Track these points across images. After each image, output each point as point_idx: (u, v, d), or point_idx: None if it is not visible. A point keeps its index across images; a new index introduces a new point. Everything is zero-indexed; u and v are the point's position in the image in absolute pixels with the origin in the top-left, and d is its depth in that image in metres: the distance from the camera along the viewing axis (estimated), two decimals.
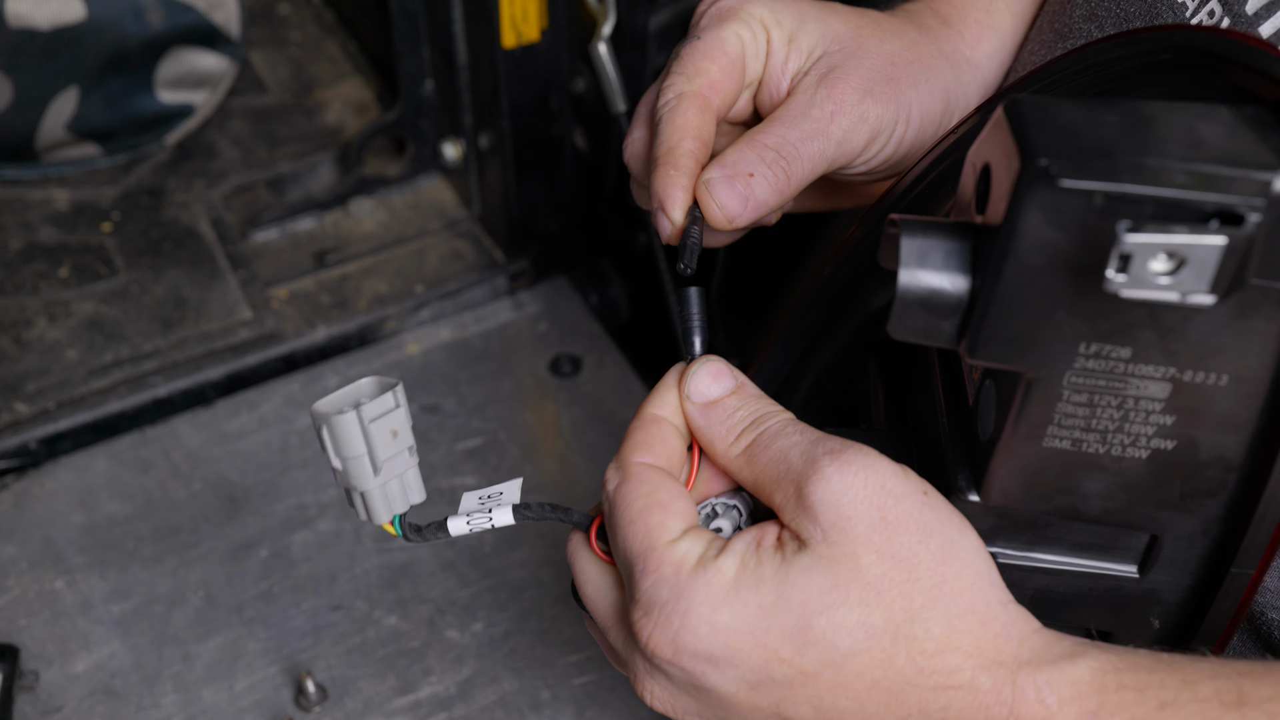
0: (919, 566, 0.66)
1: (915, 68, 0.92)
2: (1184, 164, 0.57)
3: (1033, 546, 0.74)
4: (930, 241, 0.64)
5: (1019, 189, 0.58)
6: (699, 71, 0.88)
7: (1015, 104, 0.61)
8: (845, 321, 0.93)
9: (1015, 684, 0.65)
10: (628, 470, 0.73)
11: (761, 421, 0.72)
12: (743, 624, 0.66)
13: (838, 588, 0.66)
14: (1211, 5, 0.80)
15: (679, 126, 0.86)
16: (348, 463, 0.73)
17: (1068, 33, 0.90)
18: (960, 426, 0.74)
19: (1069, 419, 0.65)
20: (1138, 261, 0.54)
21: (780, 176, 0.85)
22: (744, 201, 0.84)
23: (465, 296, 1.62)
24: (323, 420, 0.72)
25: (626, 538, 0.70)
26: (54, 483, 1.43)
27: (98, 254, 1.64)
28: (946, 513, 0.68)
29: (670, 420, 0.75)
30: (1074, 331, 0.62)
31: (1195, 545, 0.71)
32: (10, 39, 1.62)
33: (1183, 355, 0.62)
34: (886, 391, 0.84)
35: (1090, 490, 0.69)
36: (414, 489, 0.77)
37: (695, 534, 0.70)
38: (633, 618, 0.69)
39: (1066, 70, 0.76)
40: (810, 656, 0.66)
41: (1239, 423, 0.65)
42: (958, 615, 0.66)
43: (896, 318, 0.65)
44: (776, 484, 0.69)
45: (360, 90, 1.85)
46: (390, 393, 0.73)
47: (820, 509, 0.67)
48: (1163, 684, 0.64)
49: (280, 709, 1.25)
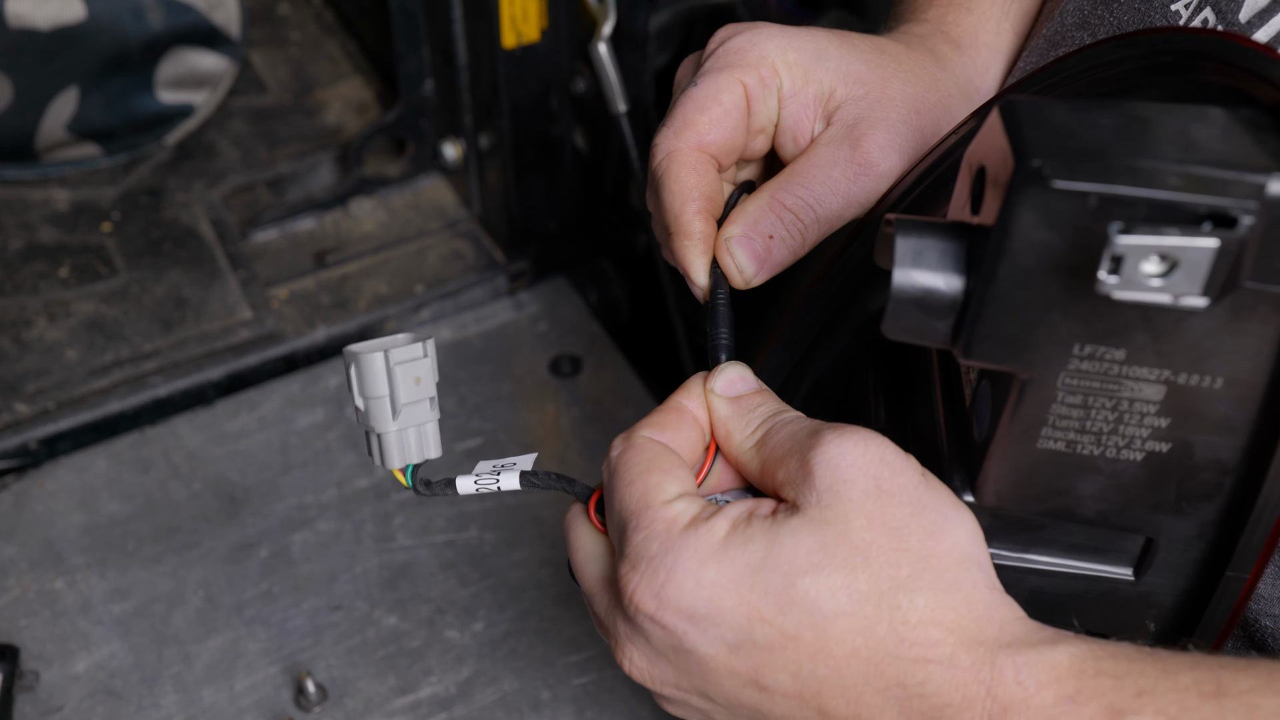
0: (909, 537, 0.66)
1: (937, 112, 0.90)
2: (1177, 166, 0.57)
3: (1028, 548, 0.74)
4: (925, 241, 0.64)
5: (1012, 190, 0.58)
6: (687, 124, 0.85)
7: (1010, 105, 0.61)
8: (846, 322, 0.93)
9: (994, 664, 0.65)
10: (633, 439, 0.74)
11: (778, 415, 0.73)
12: (728, 580, 0.67)
13: (824, 548, 0.66)
14: (1205, 13, 0.79)
15: (677, 193, 0.84)
16: (369, 403, 0.76)
17: (1060, 40, 0.89)
18: (957, 427, 0.74)
19: (1063, 420, 0.65)
20: (1130, 263, 0.54)
21: (797, 239, 0.85)
22: (761, 263, 0.84)
23: (465, 296, 1.62)
24: (352, 358, 0.75)
25: (623, 498, 0.71)
26: (54, 483, 1.43)
27: (98, 254, 1.64)
28: (944, 494, 0.68)
29: (693, 411, 0.76)
30: (1068, 333, 0.62)
31: (1191, 548, 0.71)
32: (10, 39, 1.62)
33: (1177, 357, 0.62)
34: (885, 392, 0.84)
35: (1085, 492, 0.69)
36: (431, 444, 0.78)
37: (691, 498, 0.71)
38: (620, 572, 0.70)
39: (1066, 72, 0.76)
40: (793, 617, 0.66)
41: (1234, 426, 0.65)
42: (943, 590, 0.66)
43: (891, 317, 0.65)
44: (781, 461, 0.70)
45: (360, 90, 1.85)
46: (420, 343, 0.76)
47: (819, 472, 0.67)
48: (1142, 672, 0.64)
49: (280, 709, 1.25)
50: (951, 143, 0.83)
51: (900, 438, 0.80)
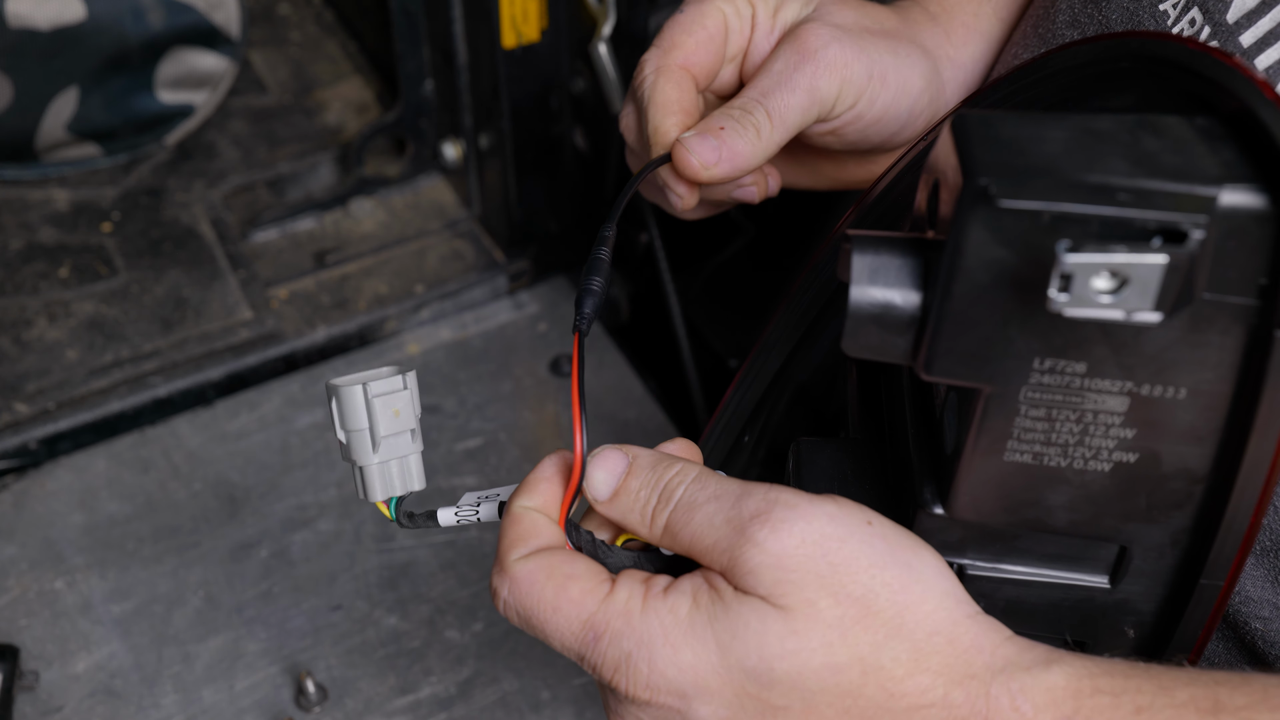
0: (877, 600, 0.65)
1: (890, 40, 0.94)
2: (1127, 180, 0.56)
3: (1003, 558, 0.73)
4: (882, 258, 0.64)
5: (960, 208, 0.57)
6: (674, 44, 0.92)
7: (961, 119, 0.60)
8: (827, 327, 0.93)
9: (989, 695, 0.65)
10: (514, 572, 0.70)
11: (669, 495, 0.70)
12: (705, 664, 0.66)
13: (796, 634, 0.65)
14: (1193, 14, 0.79)
15: (660, 105, 0.91)
16: (351, 435, 0.76)
17: (1051, 38, 0.89)
18: (928, 438, 0.73)
19: (1028, 433, 0.65)
20: (1079, 281, 0.54)
21: (750, 128, 0.89)
22: (717, 150, 0.88)
23: (465, 297, 1.63)
24: (332, 391, 0.75)
25: (559, 630, 0.69)
26: (54, 483, 1.44)
27: (98, 254, 1.64)
28: (896, 538, 0.67)
29: (536, 509, 0.73)
30: (1027, 347, 0.61)
31: (1165, 556, 0.71)
32: (10, 39, 1.62)
33: (1138, 369, 0.62)
34: (863, 399, 0.84)
35: (1055, 503, 0.68)
36: (414, 476, 0.78)
37: (622, 580, 0.69)
38: (606, 680, 0.68)
39: (1031, 77, 0.76)
40: (778, 692, 0.65)
41: (1201, 435, 0.64)
42: (923, 639, 0.65)
43: (850, 335, 0.65)
44: (708, 555, 0.68)
45: (360, 90, 1.85)
46: (400, 375, 0.75)
47: (760, 573, 0.65)
48: (1139, 689, 0.64)
49: (280, 709, 1.25)
50: (917, 151, 0.83)
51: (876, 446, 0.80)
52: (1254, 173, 0.58)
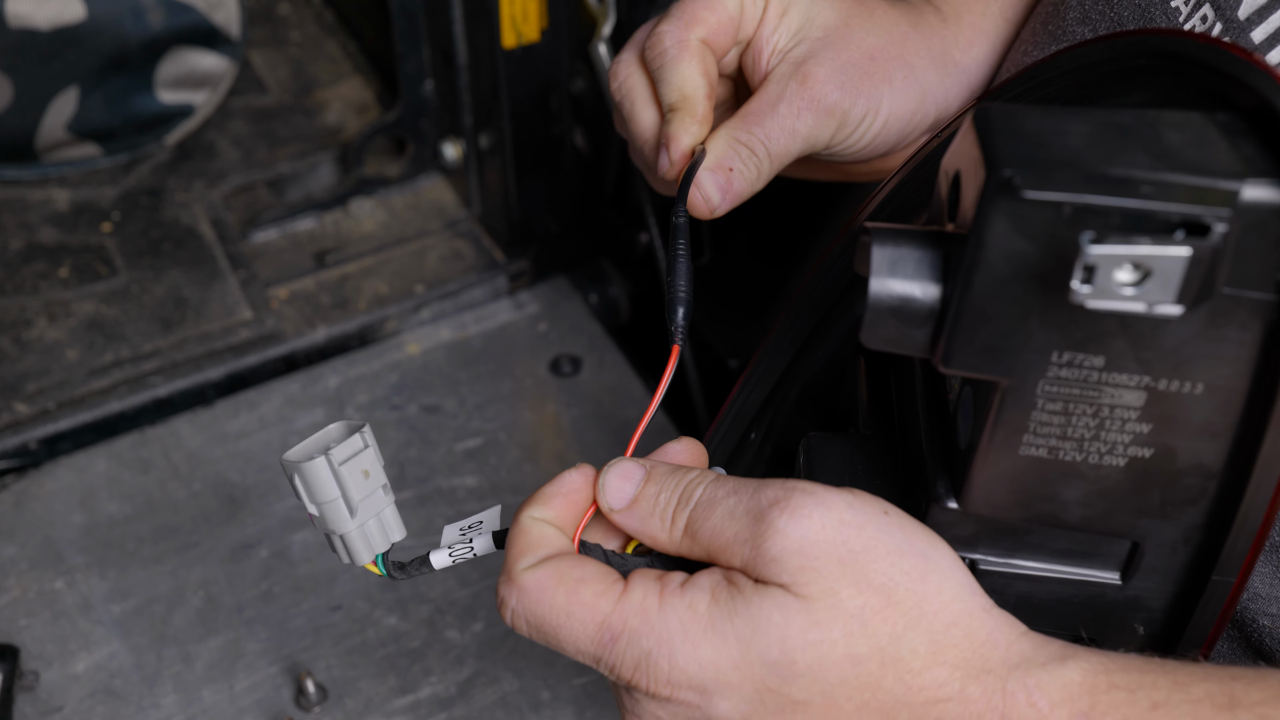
0: (897, 589, 0.65)
1: (894, 64, 0.94)
2: (1150, 173, 0.56)
3: (1014, 553, 0.73)
4: (902, 250, 0.64)
5: (984, 199, 0.57)
6: (697, 20, 0.92)
7: (983, 112, 0.60)
8: (836, 323, 0.93)
9: (1005, 689, 0.65)
10: (523, 581, 0.69)
11: (688, 496, 0.70)
12: (726, 659, 0.66)
13: (819, 625, 0.65)
14: (1204, 10, 0.79)
15: (689, 76, 0.90)
16: (323, 507, 0.74)
17: (1061, 36, 0.89)
18: (941, 433, 0.73)
19: (1045, 427, 0.65)
20: (1102, 273, 0.54)
21: (753, 172, 0.90)
22: (724, 193, 0.89)
23: (465, 296, 1.62)
24: (294, 469, 0.73)
25: (573, 635, 0.68)
26: (54, 483, 1.44)
27: (98, 254, 1.64)
28: (912, 528, 0.67)
29: (543, 518, 0.73)
30: (1046, 340, 0.61)
31: (1177, 553, 0.71)
32: (10, 39, 1.62)
33: (1156, 364, 0.62)
34: (873, 394, 0.84)
35: (1069, 498, 0.68)
36: (393, 527, 0.76)
37: (635, 579, 0.69)
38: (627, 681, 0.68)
39: (1045, 75, 0.76)
40: (798, 686, 0.66)
41: (1216, 431, 0.65)
42: (941, 630, 0.65)
43: (869, 327, 0.65)
44: (729, 550, 0.67)
45: (360, 90, 1.85)
46: (358, 434, 0.73)
47: (784, 559, 0.65)
48: (1154, 685, 0.64)
49: (280, 709, 1.25)
50: (933, 146, 0.83)
51: (886, 441, 0.80)
52: (1275, 168, 0.59)
